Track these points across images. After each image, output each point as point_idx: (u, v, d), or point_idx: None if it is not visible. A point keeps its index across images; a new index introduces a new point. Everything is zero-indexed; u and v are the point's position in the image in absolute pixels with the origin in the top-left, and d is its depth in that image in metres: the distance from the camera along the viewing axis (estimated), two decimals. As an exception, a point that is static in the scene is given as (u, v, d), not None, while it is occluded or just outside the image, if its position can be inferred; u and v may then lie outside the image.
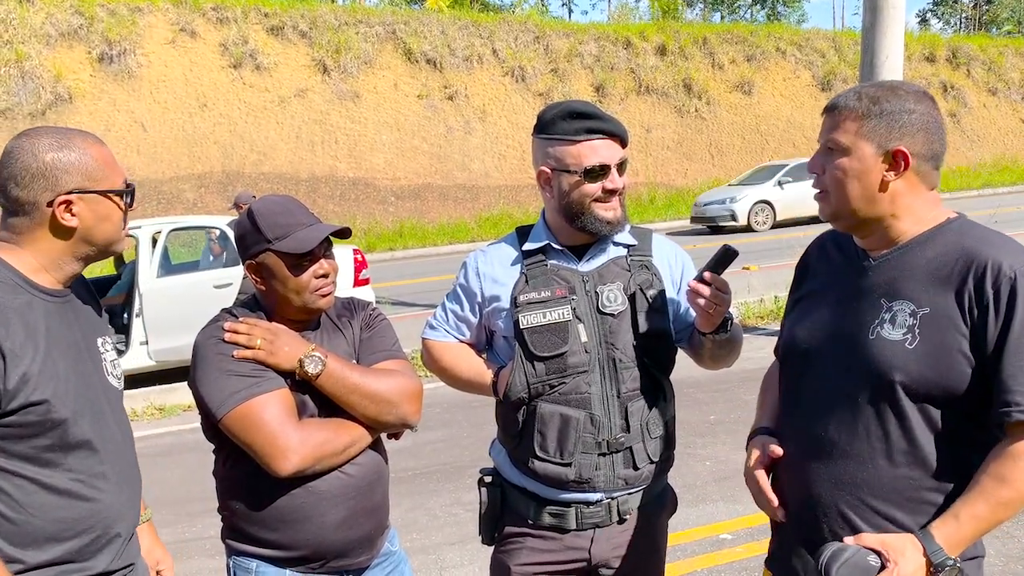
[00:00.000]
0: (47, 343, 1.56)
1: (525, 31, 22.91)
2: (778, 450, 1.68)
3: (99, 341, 1.73)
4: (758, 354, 6.96)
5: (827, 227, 1.73)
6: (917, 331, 1.48)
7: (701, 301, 1.86)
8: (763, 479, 1.71)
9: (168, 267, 8.34)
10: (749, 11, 58.55)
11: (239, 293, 7.22)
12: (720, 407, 5.79)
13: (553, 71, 22.19)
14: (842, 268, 1.68)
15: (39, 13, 18.02)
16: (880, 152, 1.52)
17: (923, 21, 61.82)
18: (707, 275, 1.86)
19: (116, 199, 1.64)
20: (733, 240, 9.58)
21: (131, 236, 1.76)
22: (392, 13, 22.60)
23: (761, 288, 9.47)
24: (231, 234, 7.70)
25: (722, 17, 56.12)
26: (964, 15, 59.99)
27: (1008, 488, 1.42)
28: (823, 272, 1.74)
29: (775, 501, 1.68)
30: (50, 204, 1.57)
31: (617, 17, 37.04)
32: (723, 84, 23.80)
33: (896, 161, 1.51)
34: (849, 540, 1.51)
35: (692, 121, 22.94)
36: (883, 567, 1.46)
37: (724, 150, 22.97)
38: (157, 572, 1.96)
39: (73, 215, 1.59)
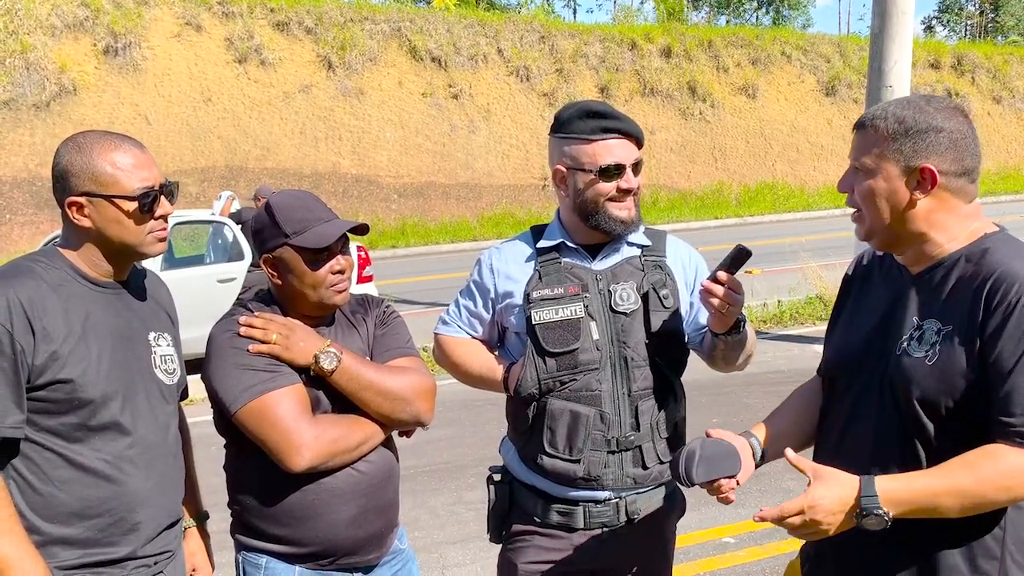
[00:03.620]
0: (84, 328, 1.63)
1: (531, 31, 22.87)
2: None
3: (152, 335, 1.80)
4: (761, 358, 6.98)
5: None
6: (938, 347, 1.47)
7: (715, 301, 1.86)
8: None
9: (172, 260, 8.34)
10: (754, 15, 58.54)
11: (242, 287, 7.23)
12: (723, 411, 5.78)
13: (558, 71, 22.15)
14: (881, 285, 1.68)
15: (45, 4, 17.99)
16: (906, 172, 1.50)
17: (928, 28, 61.76)
18: (720, 275, 1.86)
19: (123, 204, 1.67)
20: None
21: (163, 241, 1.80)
22: (398, 11, 22.55)
23: (764, 292, 9.46)
24: (235, 228, 7.75)
25: (727, 20, 56.09)
26: (970, 22, 59.94)
27: (970, 475, 1.39)
28: (864, 289, 1.73)
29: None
30: (67, 206, 1.67)
31: (622, 18, 36.91)
32: (727, 87, 23.75)
33: (923, 179, 1.49)
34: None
35: (696, 124, 22.89)
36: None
37: (728, 153, 22.93)
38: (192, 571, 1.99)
39: (85, 216, 1.68)
